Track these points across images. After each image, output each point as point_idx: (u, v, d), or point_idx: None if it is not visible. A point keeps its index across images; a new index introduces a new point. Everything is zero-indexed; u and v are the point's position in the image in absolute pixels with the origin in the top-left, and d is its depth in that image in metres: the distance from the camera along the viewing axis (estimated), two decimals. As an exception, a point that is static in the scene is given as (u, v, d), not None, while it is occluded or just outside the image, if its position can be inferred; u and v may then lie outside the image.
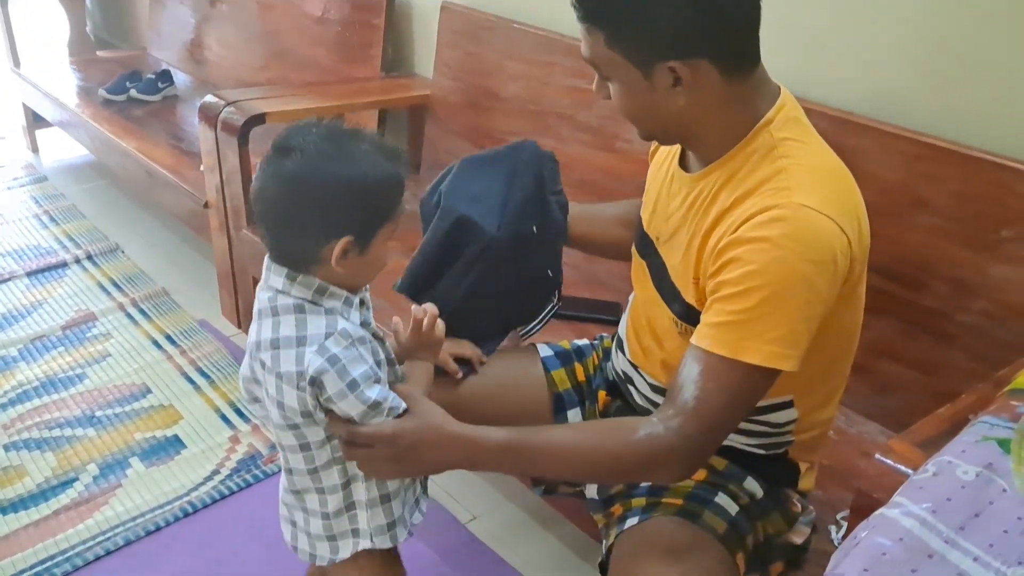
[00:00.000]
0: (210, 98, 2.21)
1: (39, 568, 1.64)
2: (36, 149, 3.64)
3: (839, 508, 1.29)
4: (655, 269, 1.16)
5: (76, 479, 1.88)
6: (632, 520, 1.12)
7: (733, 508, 1.12)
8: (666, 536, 1.07)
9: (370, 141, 1.02)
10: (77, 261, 2.79)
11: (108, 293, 2.62)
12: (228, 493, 1.83)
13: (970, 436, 0.85)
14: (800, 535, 1.19)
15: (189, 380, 2.23)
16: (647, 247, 1.19)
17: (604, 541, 1.18)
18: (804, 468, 1.20)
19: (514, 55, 2.19)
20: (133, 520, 1.76)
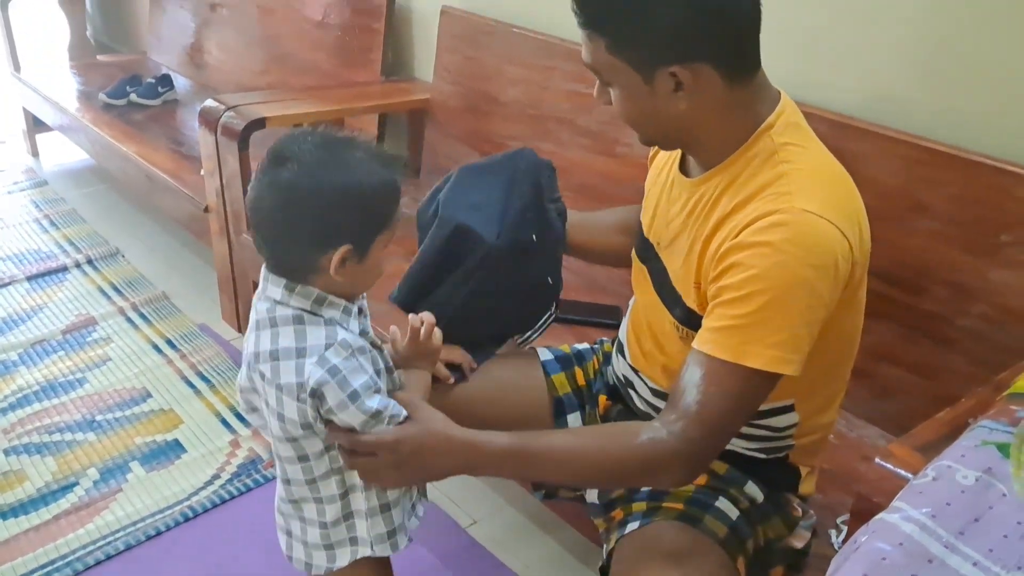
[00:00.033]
0: (210, 102, 2.21)
1: (39, 573, 1.64)
2: (36, 153, 3.65)
3: (839, 512, 1.29)
4: (656, 274, 1.16)
5: (76, 484, 1.88)
6: (633, 525, 1.12)
7: (734, 512, 1.12)
8: (667, 541, 1.07)
9: (365, 148, 1.02)
10: (77, 265, 2.80)
11: (108, 297, 2.62)
12: (229, 497, 1.83)
13: (969, 440, 0.85)
14: (801, 539, 1.19)
15: (189, 384, 2.23)
16: (648, 252, 1.19)
17: (605, 546, 1.18)
18: (805, 472, 1.20)
19: (514, 59, 2.19)
20: (134, 525, 1.77)
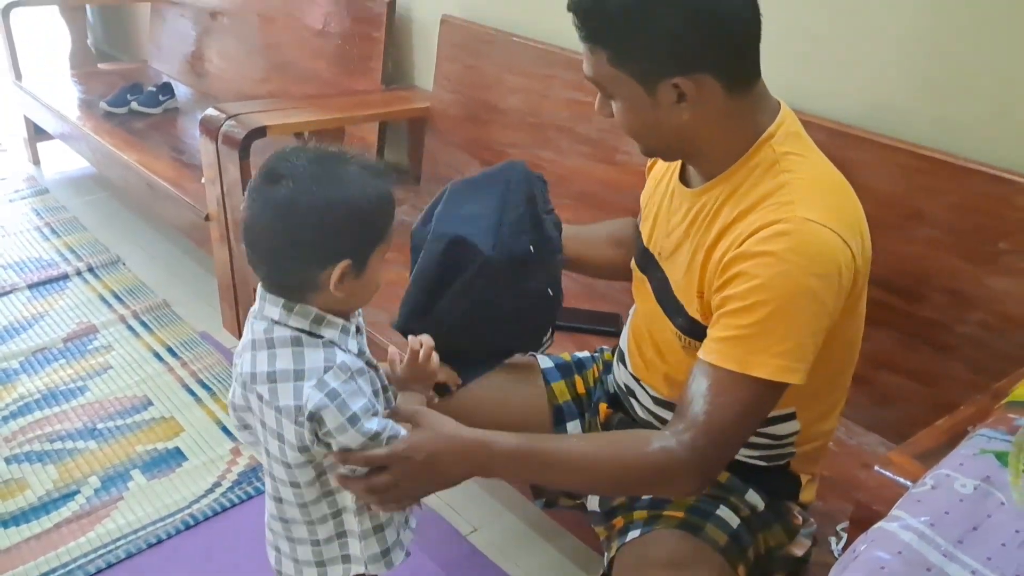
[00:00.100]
0: (211, 111, 2.22)
1: (41, 581, 1.65)
2: (37, 161, 3.65)
3: (839, 519, 1.29)
4: (657, 284, 1.16)
5: (78, 492, 1.88)
6: (634, 533, 1.12)
7: (734, 521, 1.12)
8: (668, 549, 1.07)
9: (358, 161, 1.01)
10: (78, 273, 2.80)
11: (109, 305, 2.63)
12: (230, 505, 1.83)
13: (968, 449, 0.86)
14: (801, 547, 1.19)
15: (190, 392, 2.23)
16: (648, 262, 1.19)
17: (606, 553, 1.18)
18: (805, 480, 1.20)
19: (513, 68, 2.20)
20: (135, 533, 1.77)
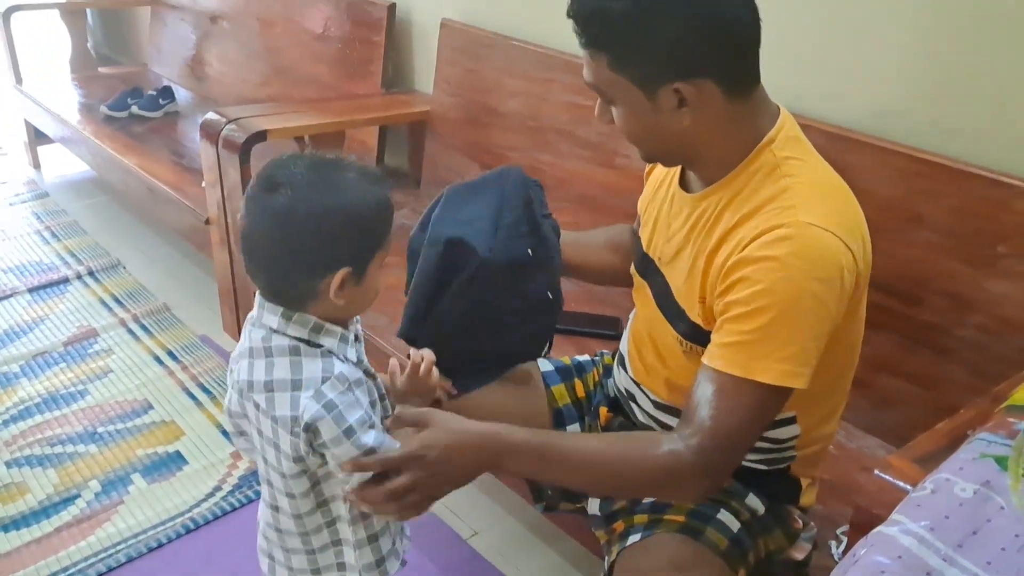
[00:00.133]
0: (212, 115, 2.22)
1: (41, 586, 1.65)
2: (38, 165, 3.66)
3: (839, 523, 1.29)
4: (658, 289, 1.16)
5: (78, 496, 1.88)
6: (634, 537, 1.12)
7: (735, 525, 1.12)
8: (668, 553, 1.07)
9: (354, 168, 1.00)
10: (79, 277, 2.80)
11: (110, 309, 2.63)
12: (230, 509, 1.84)
13: (968, 453, 0.86)
14: (801, 551, 1.20)
15: (191, 396, 2.23)
16: (648, 267, 1.19)
17: (606, 557, 1.18)
18: (805, 484, 1.20)
19: (513, 72, 2.20)
20: (135, 537, 1.77)
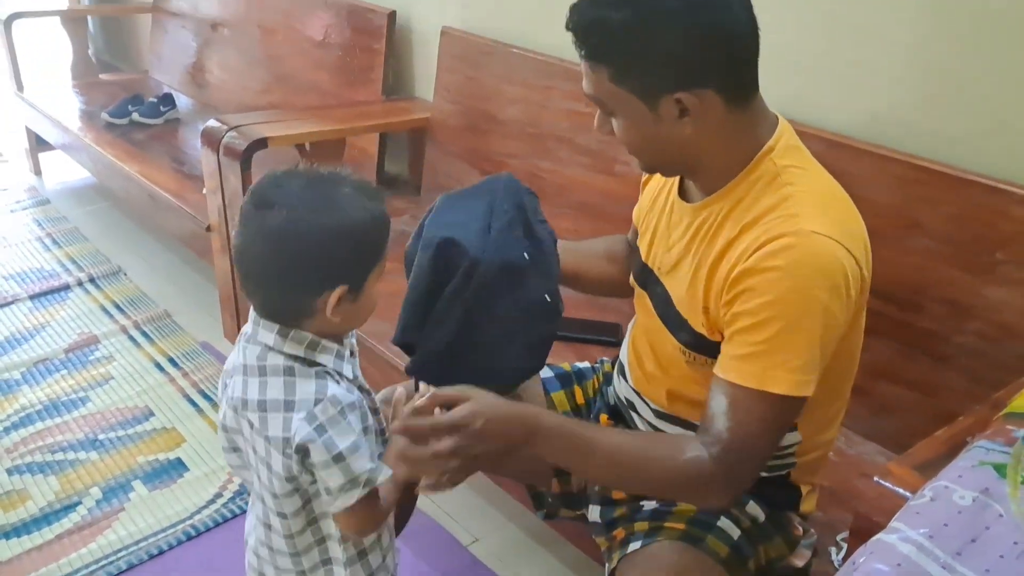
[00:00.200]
0: (213, 122, 2.23)
1: (43, 593, 1.65)
2: (39, 172, 3.66)
3: (839, 529, 1.29)
4: (658, 299, 1.16)
5: (79, 503, 1.88)
6: (635, 544, 1.12)
7: (735, 532, 1.13)
8: (669, 561, 1.08)
9: (349, 182, 0.99)
10: (80, 284, 2.81)
11: (110, 316, 2.63)
12: (231, 516, 1.84)
13: (967, 461, 0.86)
14: (801, 558, 1.20)
15: (192, 403, 2.24)
16: (647, 277, 1.19)
17: (607, 564, 1.18)
18: (806, 491, 1.20)
19: (513, 79, 2.21)
20: (136, 544, 1.77)
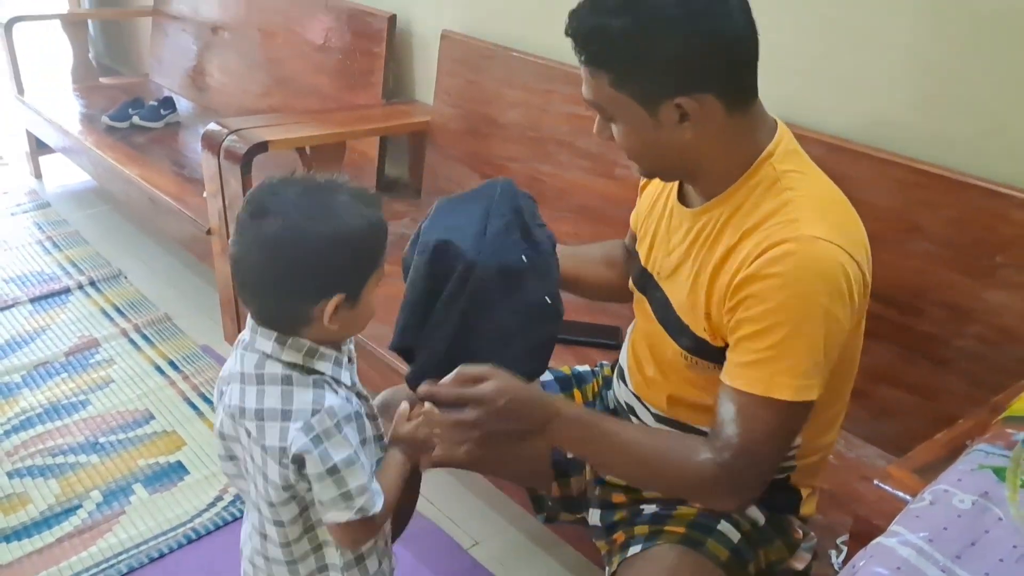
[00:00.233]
0: (213, 126, 2.23)
1: (43, 597, 1.65)
2: (39, 175, 3.66)
3: (839, 532, 1.29)
4: (657, 303, 1.16)
5: (80, 506, 1.88)
6: (635, 548, 1.12)
7: (735, 536, 1.13)
8: (669, 564, 1.08)
9: (347, 190, 0.98)
10: (80, 287, 2.81)
11: (111, 319, 2.64)
12: (232, 519, 1.84)
13: (966, 464, 0.86)
14: (801, 561, 1.20)
15: (192, 406, 2.24)
16: (647, 282, 1.19)
17: (607, 568, 1.18)
18: (806, 494, 1.20)
19: (513, 83, 2.21)
20: (137, 547, 1.77)
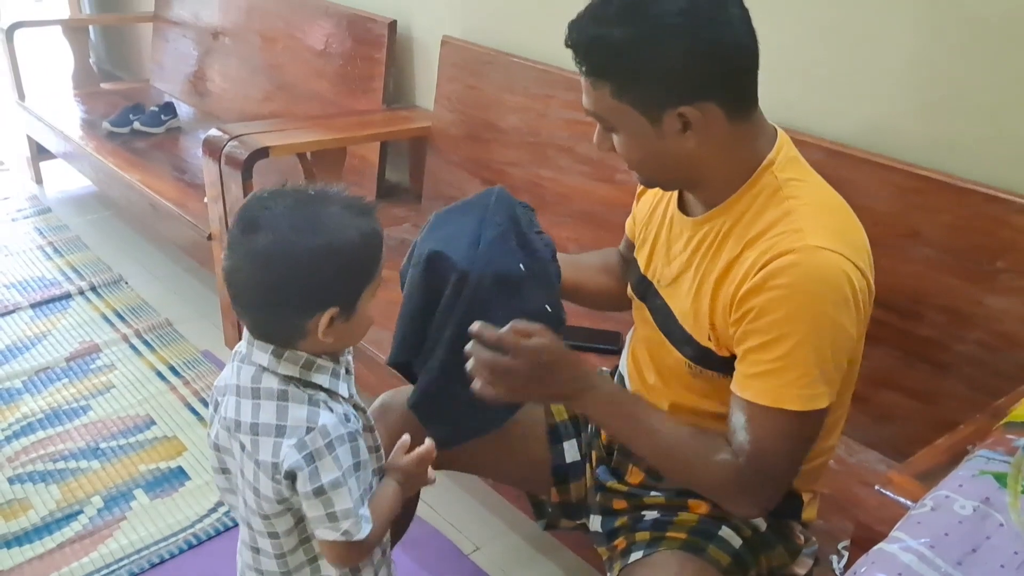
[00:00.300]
0: (214, 132, 2.24)
1: (44, 603, 1.65)
2: (40, 181, 3.67)
3: (840, 537, 1.29)
4: (658, 311, 1.16)
5: (81, 512, 1.88)
6: (636, 554, 1.12)
7: (737, 541, 1.13)
8: (671, 570, 1.08)
9: (339, 200, 0.97)
10: (81, 292, 2.81)
11: (112, 324, 2.64)
12: (233, 525, 1.84)
13: (967, 470, 0.86)
14: (803, 566, 1.20)
15: (193, 411, 2.24)
16: (647, 290, 1.19)
17: (608, 574, 1.18)
18: (807, 499, 1.20)
19: (513, 88, 2.22)
20: (138, 553, 1.77)
